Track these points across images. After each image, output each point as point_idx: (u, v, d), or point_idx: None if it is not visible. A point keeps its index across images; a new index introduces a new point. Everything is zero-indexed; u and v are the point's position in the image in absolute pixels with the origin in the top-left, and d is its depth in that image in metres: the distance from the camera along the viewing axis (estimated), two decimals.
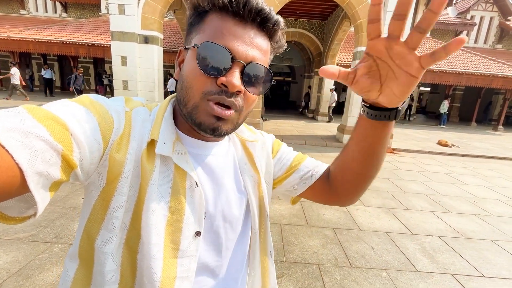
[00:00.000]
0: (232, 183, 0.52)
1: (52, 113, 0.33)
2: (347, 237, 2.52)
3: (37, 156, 0.29)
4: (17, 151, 0.28)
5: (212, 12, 0.41)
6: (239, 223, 0.52)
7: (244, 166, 0.55)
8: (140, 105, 0.46)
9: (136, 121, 0.43)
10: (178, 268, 0.43)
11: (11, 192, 0.29)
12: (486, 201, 3.77)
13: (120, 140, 0.40)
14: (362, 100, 0.44)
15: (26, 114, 0.31)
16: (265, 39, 0.43)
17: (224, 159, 0.52)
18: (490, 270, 2.19)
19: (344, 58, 12.23)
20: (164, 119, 0.45)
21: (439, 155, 6.80)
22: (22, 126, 0.29)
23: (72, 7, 16.35)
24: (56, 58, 15.84)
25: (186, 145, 0.47)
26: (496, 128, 13.65)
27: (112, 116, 0.40)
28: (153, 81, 6.66)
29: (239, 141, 0.56)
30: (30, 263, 1.84)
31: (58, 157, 0.32)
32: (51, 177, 0.31)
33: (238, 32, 0.40)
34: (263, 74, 0.43)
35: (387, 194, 3.76)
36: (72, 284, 0.44)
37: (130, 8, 6.10)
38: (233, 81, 0.39)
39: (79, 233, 0.44)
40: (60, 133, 0.32)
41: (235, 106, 0.42)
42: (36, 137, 0.29)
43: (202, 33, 0.42)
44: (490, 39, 16.78)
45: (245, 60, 0.40)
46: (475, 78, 11.89)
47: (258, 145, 0.58)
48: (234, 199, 0.51)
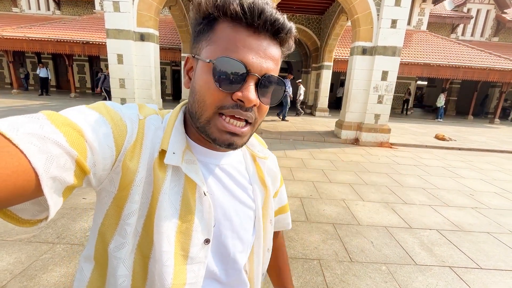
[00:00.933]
0: (241, 193, 0.52)
1: (69, 119, 0.34)
2: (347, 232, 2.55)
3: (53, 161, 0.30)
4: (34, 156, 0.29)
5: (223, 21, 0.40)
6: (246, 233, 0.53)
7: (254, 178, 0.55)
8: (154, 113, 0.47)
9: (149, 129, 0.43)
10: (188, 274, 0.44)
11: (26, 195, 0.30)
12: (483, 194, 3.82)
13: (133, 148, 0.41)
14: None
15: (45, 120, 0.32)
16: (278, 48, 0.43)
17: (234, 169, 0.52)
18: (487, 262, 2.24)
19: (342, 53, 12.20)
20: (175, 128, 0.45)
21: (437, 149, 6.86)
22: (40, 132, 0.30)
23: (65, 4, 16.10)
24: (51, 57, 15.66)
25: (196, 154, 0.48)
26: (493, 121, 13.75)
27: (126, 123, 0.41)
28: (150, 79, 6.61)
29: (249, 155, 0.56)
30: (33, 264, 1.85)
31: (72, 163, 0.32)
32: (64, 182, 0.32)
33: (252, 44, 0.39)
34: (277, 85, 0.43)
35: (385, 188, 3.79)
36: (89, 284, 0.45)
37: (125, 5, 6.02)
38: (250, 96, 0.39)
39: (93, 236, 0.45)
40: (76, 139, 0.33)
41: (250, 118, 0.42)
42: (53, 142, 0.30)
43: (214, 45, 0.40)
44: (486, 32, 16.80)
45: (260, 73, 0.40)
46: (472, 72, 11.93)
47: (268, 163, 0.59)
48: (242, 209, 0.52)
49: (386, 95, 6.60)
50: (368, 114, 6.71)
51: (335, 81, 16.08)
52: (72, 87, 13.25)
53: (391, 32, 6.24)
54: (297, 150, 5.82)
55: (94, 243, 0.44)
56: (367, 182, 4.01)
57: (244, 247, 0.53)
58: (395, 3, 6.12)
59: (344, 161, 5.16)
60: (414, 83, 16.86)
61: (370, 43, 6.42)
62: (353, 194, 3.52)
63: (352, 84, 6.68)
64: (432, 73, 12.15)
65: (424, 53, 12.54)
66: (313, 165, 4.72)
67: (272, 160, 0.61)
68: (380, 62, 6.39)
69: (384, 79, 6.50)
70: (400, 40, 6.29)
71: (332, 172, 4.38)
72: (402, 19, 6.19)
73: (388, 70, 6.44)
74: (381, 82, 6.51)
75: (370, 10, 6.28)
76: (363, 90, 6.68)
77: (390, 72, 6.46)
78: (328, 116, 11.88)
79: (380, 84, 6.53)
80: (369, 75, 6.56)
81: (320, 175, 4.19)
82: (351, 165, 4.86)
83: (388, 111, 6.73)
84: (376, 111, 6.70)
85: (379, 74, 6.47)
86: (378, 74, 6.46)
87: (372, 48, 6.43)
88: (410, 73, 12.12)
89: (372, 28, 6.35)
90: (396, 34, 6.25)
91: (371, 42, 6.41)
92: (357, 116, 6.86)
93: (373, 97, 6.61)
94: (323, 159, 5.17)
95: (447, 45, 13.44)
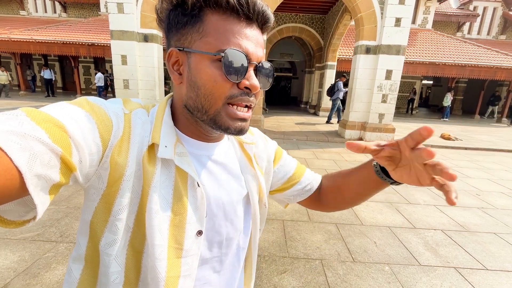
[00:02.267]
0: (233, 182, 0.52)
1: (50, 116, 0.33)
2: (350, 232, 2.53)
3: (36, 158, 0.29)
4: (16, 154, 0.28)
5: (209, 11, 0.40)
6: (239, 221, 0.53)
7: (244, 165, 0.56)
8: (139, 107, 0.46)
9: (136, 123, 0.43)
10: (182, 267, 0.44)
11: (11, 195, 0.29)
12: (490, 194, 3.75)
13: (121, 143, 0.40)
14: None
15: (25, 116, 0.31)
16: (262, 35, 0.46)
17: (224, 159, 0.52)
18: (493, 263, 2.19)
19: (345, 53, 12.12)
20: (164, 122, 0.45)
21: (442, 149, 6.76)
22: (20, 129, 0.29)
23: (71, 7, 16.33)
24: (57, 59, 15.89)
25: (186, 146, 0.48)
26: (500, 120, 13.52)
27: (111, 118, 0.40)
28: (153, 79, 6.66)
29: (237, 142, 0.57)
30: (37, 262, 1.87)
31: (57, 160, 0.31)
32: (50, 180, 0.31)
33: (248, 34, 0.41)
34: (270, 70, 0.46)
35: (389, 188, 3.75)
36: (79, 285, 0.44)
37: (129, 7, 6.08)
38: (255, 83, 0.42)
39: (82, 235, 0.44)
40: (59, 136, 0.32)
41: (253, 103, 0.45)
42: (35, 139, 0.29)
43: (210, 37, 0.40)
44: (493, 30, 16.53)
45: (257, 60, 0.43)
46: (478, 70, 11.75)
47: (257, 147, 0.60)
48: (235, 198, 0.52)
49: (390, 94, 6.54)
50: (372, 114, 6.65)
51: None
52: (78, 88, 13.43)
53: (395, 30, 6.18)
54: (300, 150, 5.79)
55: (85, 242, 0.44)
56: None
57: (237, 233, 0.53)
58: (399, 2, 6.06)
59: (348, 161, 5.12)
60: (420, 83, 16.67)
61: (374, 42, 6.37)
62: None
63: (356, 84, 6.63)
64: (437, 72, 12.00)
65: (429, 52, 12.38)
66: (316, 165, 4.69)
67: (260, 144, 0.61)
68: (384, 61, 6.33)
69: (388, 78, 6.44)
70: (405, 38, 6.22)
71: None
72: (406, 17, 6.13)
73: (392, 69, 6.38)
74: (385, 81, 6.45)
75: (373, 8, 6.23)
76: (367, 89, 6.63)
77: (394, 71, 6.40)
78: None
79: (384, 83, 6.47)
80: (373, 74, 6.50)
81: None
82: (355, 165, 4.81)
83: (393, 111, 6.66)
84: (380, 111, 6.63)
85: (383, 73, 6.40)
86: (382, 73, 6.40)
87: (376, 47, 6.37)
88: (415, 72, 11.99)
89: (376, 27, 6.29)
90: (400, 33, 6.19)
91: (375, 41, 6.36)
92: (361, 115, 6.81)
93: (377, 96, 6.55)
94: (326, 159, 5.14)
95: (453, 43, 13.26)
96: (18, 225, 0.34)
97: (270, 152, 0.62)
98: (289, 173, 0.65)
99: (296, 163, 0.68)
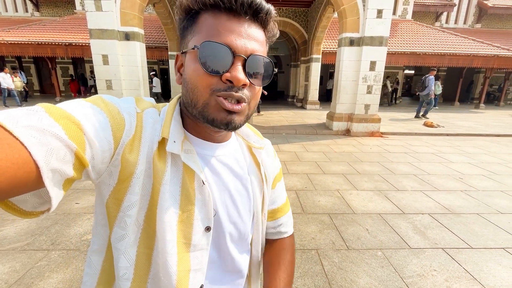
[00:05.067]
0: (238, 185, 0.53)
1: (67, 112, 0.34)
2: (343, 221, 2.60)
3: (53, 153, 0.31)
4: (35, 148, 0.29)
5: (204, 12, 0.41)
6: (244, 225, 0.54)
7: (251, 168, 0.56)
8: (151, 106, 0.47)
9: (147, 122, 0.44)
10: (191, 261, 0.46)
11: (27, 186, 0.30)
12: (471, 177, 3.94)
13: (132, 142, 0.41)
14: None
15: (44, 112, 0.32)
16: (260, 29, 0.44)
17: (230, 161, 0.53)
18: (477, 241, 2.32)
19: (329, 45, 12.24)
20: (174, 118, 0.46)
21: (426, 136, 7.01)
22: (39, 124, 0.30)
23: (44, 5, 15.54)
24: (32, 60, 15.16)
25: (193, 145, 0.49)
26: (478, 106, 14.12)
27: (123, 117, 0.41)
28: (137, 78, 6.49)
29: (246, 146, 0.57)
30: (29, 272, 1.82)
31: (71, 155, 0.33)
32: (64, 174, 0.33)
33: (233, 27, 0.40)
34: (265, 65, 0.44)
35: (378, 177, 3.87)
36: (100, 274, 0.47)
37: (108, 4, 5.86)
38: (238, 75, 0.40)
39: (97, 229, 0.46)
40: (75, 132, 0.33)
41: (243, 99, 0.42)
42: (52, 135, 0.31)
43: (198, 35, 0.42)
44: (469, 19, 17.12)
45: (245, 53, 0.41)
46: (457, 59, 12.17)
47: (264, 153, 0.59)
48: (239, 200, 0.52)
49: (375, 85, 6.68)
50: (358, 105, 6.78)
51: (324, 73, 16.15)
52: (57, 91, 12.87)
53: (377, 22, 6.29)
54: (290, 143, 5.84)
55: (100, 235, 0.46)
56: (360, 172, 4.07)
57: (240, 238, 0.53)
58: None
59: (337, 152, 5.22)
60: (402, 72, 17.09)
61: (357, 34, 6.46)
62: (347, 184, 3.57)
63: (341, 76, 6.72)
64: (418, 62, 12.33)
65: (410, 42, 12.71)
66: (306, 158, 4.76)
67: (266, 150, 0.61)
68: (367, 52, 6.44)
69: (372, 70, 6.57)
70: (387, 30, 6.35)
71: (326, 164, 4.43)
72: (387, 9, 6.24)
73: (376, 60, 6.51)
74: (370, 72, 6.58)
75: (356, 1, 6.30)
76: (352, 81, 6.74)
77: (378, 62, 6.53)
78: (319, 109, 11.96)
79: (369, 74, 6.59)
80: (357, 66, 6.61)
81: (313, 167, 4.24)
82: (344, 156, 4.92)
83: (378, 101, 6.82)
84: (366, 101, 6.77)
85: (367, 64, 6.53)
86: (366, 64, 6.52)
87: (359, 39, 6.47)
88: (397, 63, 12.28)
89: (359, 19, 6.38)
90: (382, 24, 6.31)
91: (358, 33, 6.45)
92: (347, 107, 6.93)
93: (362, 87, 6.68)
94: (316, 151, 5.22)
95: (432, 33, 13.64)
96: (34, 216, 0.36)
97: (275, 171, 0.63)
98: (276, 204, 0.63)
99: (286, 197, 0.66)
